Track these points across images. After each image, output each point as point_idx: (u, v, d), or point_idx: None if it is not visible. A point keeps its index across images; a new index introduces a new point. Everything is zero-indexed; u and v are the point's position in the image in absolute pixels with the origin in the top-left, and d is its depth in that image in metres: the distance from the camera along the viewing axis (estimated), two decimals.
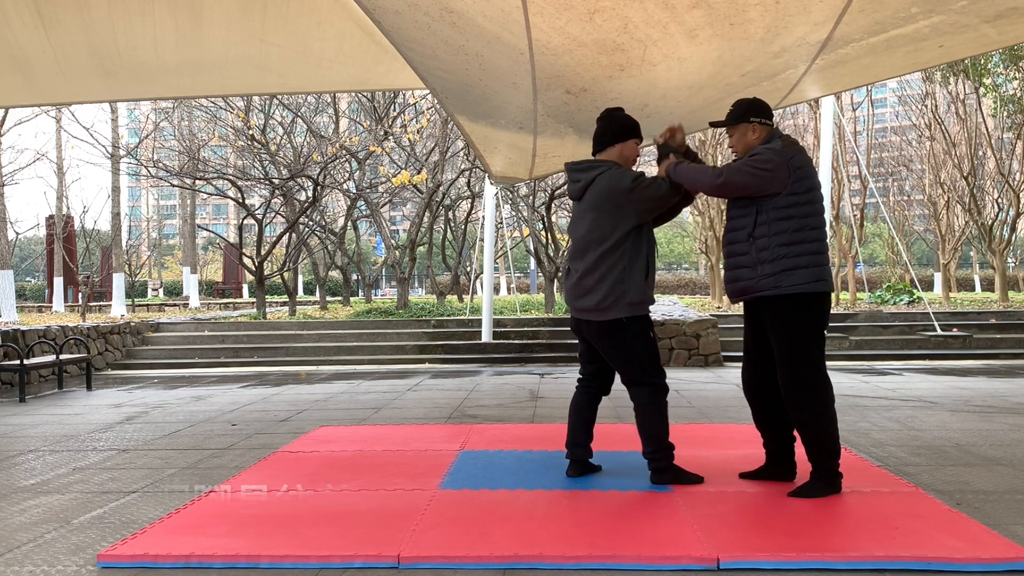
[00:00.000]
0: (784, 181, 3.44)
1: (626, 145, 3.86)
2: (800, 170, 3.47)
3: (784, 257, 3.44)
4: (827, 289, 3.52)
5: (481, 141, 6.37)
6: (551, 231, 19.02)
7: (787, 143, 3.56)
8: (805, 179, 3.48)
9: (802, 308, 3.47)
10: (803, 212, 3.46)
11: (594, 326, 3.77)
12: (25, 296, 39.05)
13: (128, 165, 21.23)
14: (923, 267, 37.08)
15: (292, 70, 6.47)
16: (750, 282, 3.53)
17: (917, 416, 5.93)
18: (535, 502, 3.52)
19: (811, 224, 3.47)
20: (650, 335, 3.78)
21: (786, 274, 3.44)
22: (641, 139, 3.95)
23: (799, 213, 3.45)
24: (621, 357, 3.77)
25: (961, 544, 2.87)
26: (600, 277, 3.69)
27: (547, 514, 3.33)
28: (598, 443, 4.22)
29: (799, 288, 3.44)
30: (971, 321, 12.30)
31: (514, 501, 3.56)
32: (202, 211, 51.82)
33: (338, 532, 3.12)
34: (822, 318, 3.52)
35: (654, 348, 3.79)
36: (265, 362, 11.53)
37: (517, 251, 31.47)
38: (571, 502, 3.52)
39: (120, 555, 2.93)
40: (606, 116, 3.93)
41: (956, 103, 19.11)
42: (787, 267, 3.44)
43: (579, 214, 3.86)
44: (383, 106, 17.88)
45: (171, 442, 5.38)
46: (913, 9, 3.71)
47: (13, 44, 5.62)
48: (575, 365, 10.92)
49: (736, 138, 3.67)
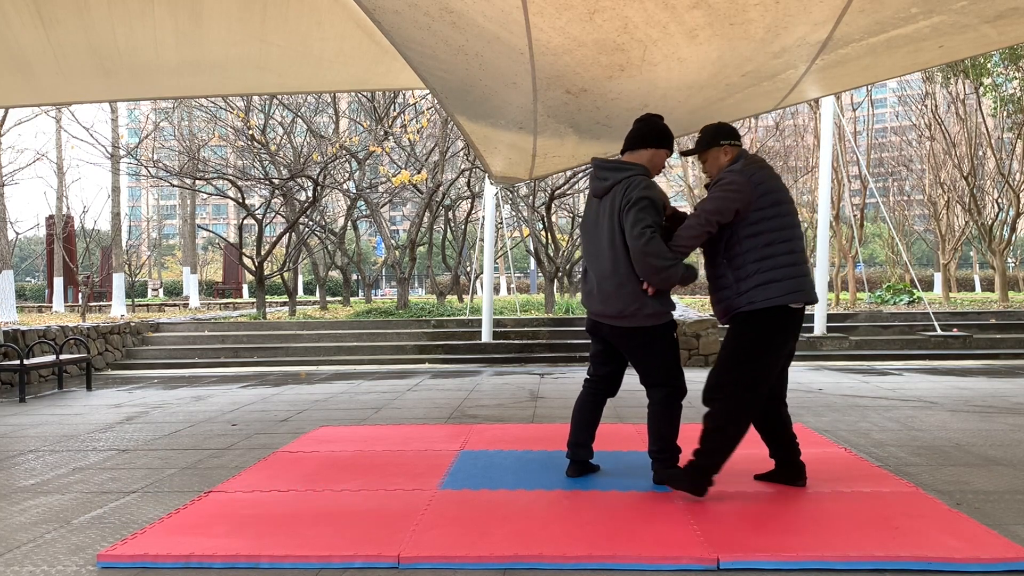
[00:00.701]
0: (750, 198, 3.50)
1: (658, 153, 3.84)
2: (762, 185, 3.53)
3: (758, 272, 3.50)
4: (803, 301, 3.55)
5: (481, 141, 6.37)
6: (551, 231, 19.03)
7: (748, 162, 3.63)
8: (769, 193, 3.53)
9: (771, 320, 3.51)
10: (771, 227, 3.51)
11: (617, 330, 3.76)
12: (25, 296, 39.06)
13: (128, 165, 21.22)
14: (923, 267, 37.10)
15: (292, 70, 6.47)
16: (730, 301, 3.59)
17: (917, 416, 5.93)
18: (535, 502, 3.52)
19: (781, 237, 3.52)
20: (673, 337, 3.78)
21: (760, 289, 3.49)
22: (671, 152, 3.96)
23: (767, 228, 3.51)
24: (644, 358, 3.76)
25: (961, 544, 2.87)
26: (620, 283, 3.66)
27: (547, 514, 3.34)
28: (599, 443, 4.23)
29: (772, 301, 3.48)
30: (971, 321, 12.30)
31: (514, 501, 3.56)
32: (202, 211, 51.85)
33: (338, 532, 3.13)
34: (786, 335, 3.54)
35: (676, 351, 3.79)
36: (265, 362, 11.53)
37: (517, 251, 31.50)
38: (571, 502, 3.52)
39: (120, 555, 2.93)
40: (647, 119, 3.89)
41: (956, 103, 19.12)
42: (761, 282, 3.49)
43: (598, 213, 3.82)
44: (383, 106, 17.88)
45: (171, 442, 5.38)
46: (913, 9, 3.71)
47: (13, 44, 5.62)
48: (575, 365, 10.92)
49: (710, 163, 3.75)
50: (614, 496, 3.61)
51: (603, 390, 4.00)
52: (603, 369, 3.98)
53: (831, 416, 5.99)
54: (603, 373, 3.98)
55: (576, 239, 23.13)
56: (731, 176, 3.55)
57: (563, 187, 18.44)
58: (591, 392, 4.01)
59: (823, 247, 12.05)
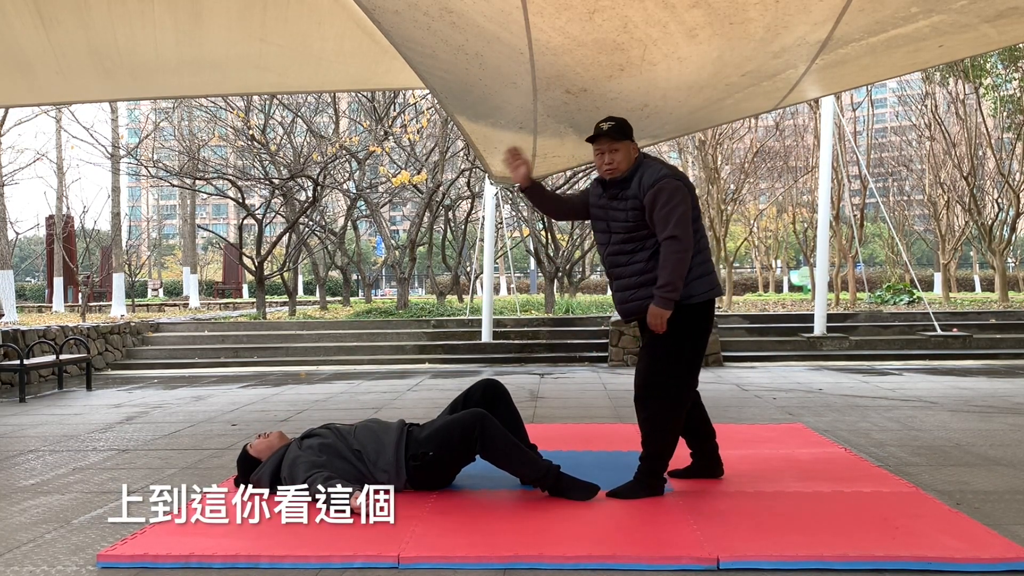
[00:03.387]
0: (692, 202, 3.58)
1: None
2: (691, 187, 3.64)
3: (695, 267, 3.55)
4: (720, 295, 3.73)
5: (481, 141, 6.36)
6: (551, 231, 19.01)
7: (668, 166, 3.69)
8: (693, 193, 3.64)
9: (702, 315, 3.59)
10: (697, 226, 3.60)
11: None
12: (25, 296, 39.04)
13: (128, 165, 21.22)
14: (923, 267, 37.07)
15: (292, 69, 6.47)
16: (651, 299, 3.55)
17: (917, 416, 5.93)
18: (535, 502, 3.51)
19: (701, 234, 3.64)
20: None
21: (697, 282, 3.55)
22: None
23: (696, 227, 3.59)
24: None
25: (961, 544, 2.86)
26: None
27: (547, 514, 3.33)
28: (598, 443, 4.22)
29: (708, 295, 3.58)
30: (971, 321, 12.29)
31: (514, 501, 3.56)
32: (202, 211, 51.80)
33: (338, 532, 3.12)
34: (711, 326, 3.69)
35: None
36: (265, 362, 11.53)
37: (517, 251, 31.48)
38: (571, 502, 3.51)
39: (120, 555, 2.93)
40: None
41: (956, 103, 19.11)
42: (698, 275, 3.55)
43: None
44: (383, 106, 17.87)
45: (171, 442, 5.38)
46: (913, 9, 3.71)
47: (13, 44, 5.62)
48: (575, 365, 10.93)
49: (622, 155, 3.63)
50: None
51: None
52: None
53: (831, 416, 5.98)
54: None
55: (576, 239, 23.12)
56: (672, 183, 3.52)
57: (563, 187, 18.42)
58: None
59: (823, 247, 12.05)
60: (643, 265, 3.57)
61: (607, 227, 3.71)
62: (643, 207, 3.53)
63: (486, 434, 3.46)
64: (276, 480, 3.50)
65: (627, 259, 3.62)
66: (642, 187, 3.54)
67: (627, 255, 3.62)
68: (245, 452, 3.76)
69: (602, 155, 3.66)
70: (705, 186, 18.77)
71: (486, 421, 3.49)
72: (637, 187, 3.57)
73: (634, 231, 3.59)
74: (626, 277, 3.63)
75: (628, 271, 3.62)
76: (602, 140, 3.65)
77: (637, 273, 3.59)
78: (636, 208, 3.55)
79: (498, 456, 3.53)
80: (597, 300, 19.78)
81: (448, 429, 3.58)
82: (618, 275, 3.68)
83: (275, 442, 3.75)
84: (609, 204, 3.68)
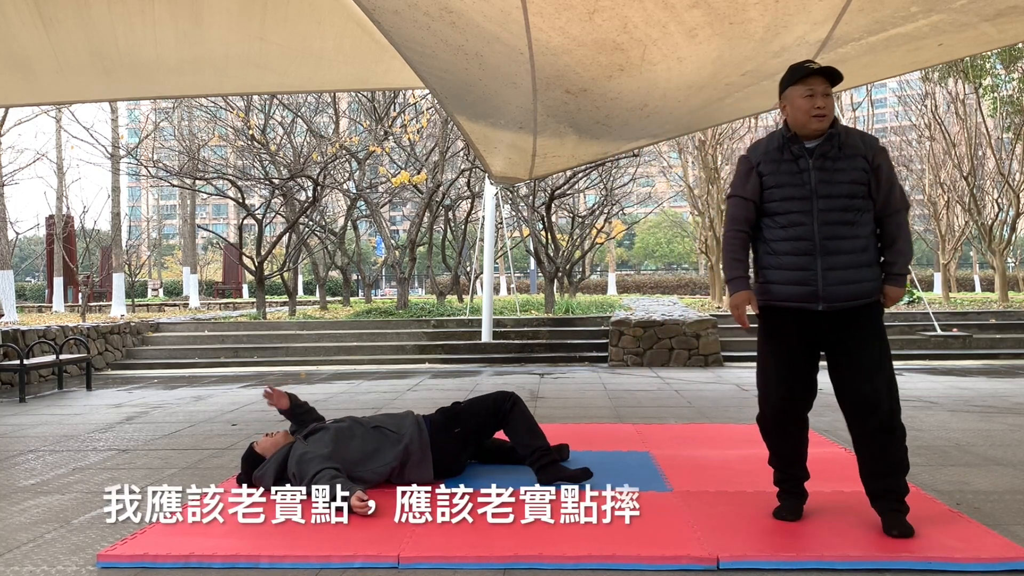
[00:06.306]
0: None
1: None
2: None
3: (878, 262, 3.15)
4: None
5: (481, 141, 6.37)
6: (551, 231, 19.01)
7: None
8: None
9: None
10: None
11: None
12: (25, 296, 39.03)
13: (128, 165, 21.24)
14: (923, 267, 37.07)
15: (292, 69, 6.47)
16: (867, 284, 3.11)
17: (917, 416, 5.92)
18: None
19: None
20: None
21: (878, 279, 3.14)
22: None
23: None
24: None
25: (961, 544, 2.86)
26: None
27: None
28: (598, 443, 4.21)
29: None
30: (971, 321, 12.29)
31: (514, 501, 3.55)
32: (202, 211, 51.82)
33: (338, 532, 3.12)
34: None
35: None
36: (265, 362, 11.53)
37: (517, 251, 31.46)
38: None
39: (120, 555, 2.92)
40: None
41: (956, 103, 19.11)
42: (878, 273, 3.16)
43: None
44: (383, 106, 17.87)
45: (171, 442, 5.37)
46: (912, 8, 3.71)
47: (13, 44, 5.62)
48: (575, 365, 10.93)
49: (832, 103, 3.10)
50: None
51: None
52: None
53: (831, 416, 5.96)
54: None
55: (576, 239, 23.12)
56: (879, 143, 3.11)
57: (563, 187, 18.43)
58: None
59: None
60: (865, 241, 3.05)
61: (810, 192, 3.02)
62: (872, 169, 3.03)
63: (516, 408, 3.91)
64: (282, 477, 3.53)
65: (849, 231, 3.02)
66: (867, 145, 3.06)
67: (848, 226, 3.02)
68: (251, 449, 3.80)
69: (813, 97, 3.02)
70: (705, 186, 18.77)
71: (518, 400, 3.95)
72: (861, 144, 3.05)
73: (855, 197, 3.02)
74: (846, 253, 3.02)
75: (849, 246, 3.02)
76: (817, 79, 3.04)
77: (860, 250, 3.04)
78: (866, 170, 3.02)
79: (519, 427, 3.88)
80: (597, 300, 19.77)
81: (480, 400, 4.05)
82: (834, 249, 3.01)
83: (280, 441, 3.84)
84: (823, 164, 3.03)
